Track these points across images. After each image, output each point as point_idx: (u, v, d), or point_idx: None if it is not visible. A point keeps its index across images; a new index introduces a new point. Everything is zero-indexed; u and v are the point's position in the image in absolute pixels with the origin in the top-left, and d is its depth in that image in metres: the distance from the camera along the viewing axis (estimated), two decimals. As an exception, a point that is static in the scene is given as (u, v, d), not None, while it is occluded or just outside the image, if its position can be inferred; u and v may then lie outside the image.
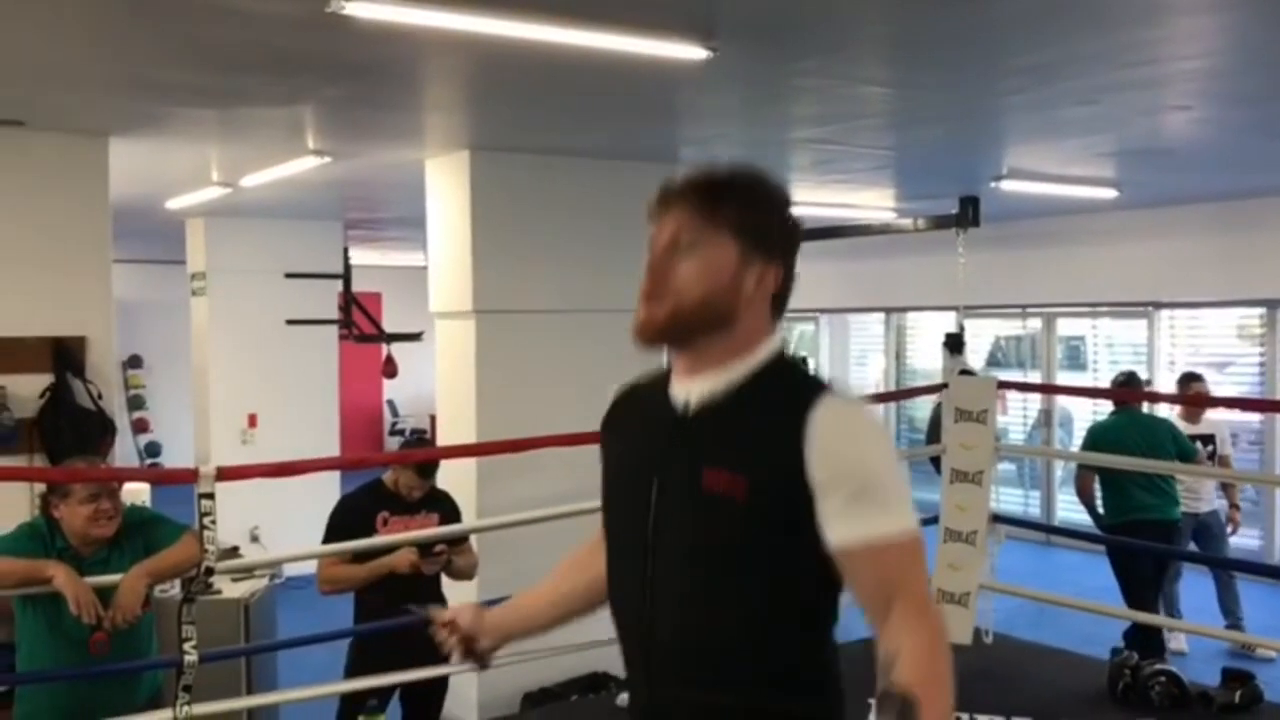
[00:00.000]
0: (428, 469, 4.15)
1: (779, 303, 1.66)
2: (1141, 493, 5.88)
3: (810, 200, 7.86)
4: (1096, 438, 6.08)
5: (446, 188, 5.88)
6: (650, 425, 1.69)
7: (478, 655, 1.90)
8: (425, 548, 3.97)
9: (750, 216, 1.61)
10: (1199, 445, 6.37)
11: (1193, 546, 6.61)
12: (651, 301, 1.61)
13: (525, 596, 1.99)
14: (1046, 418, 10.23)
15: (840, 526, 1.52)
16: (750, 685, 1.59)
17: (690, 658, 1.62)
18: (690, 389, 1.63)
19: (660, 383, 1.70)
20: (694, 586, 1.61)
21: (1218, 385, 8.93)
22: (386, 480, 4.17)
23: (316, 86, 4.36)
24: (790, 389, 1.59)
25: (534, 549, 4.87)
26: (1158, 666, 3.87)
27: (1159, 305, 9.23)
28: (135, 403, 14.23)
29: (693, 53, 3.62)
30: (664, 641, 1.64)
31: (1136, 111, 4.95)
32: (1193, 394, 6.58)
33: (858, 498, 1.51)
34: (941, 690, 1.46)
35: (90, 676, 3.27)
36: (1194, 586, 6.82)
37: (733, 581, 1.58)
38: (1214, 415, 6.66)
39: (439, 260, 5.98)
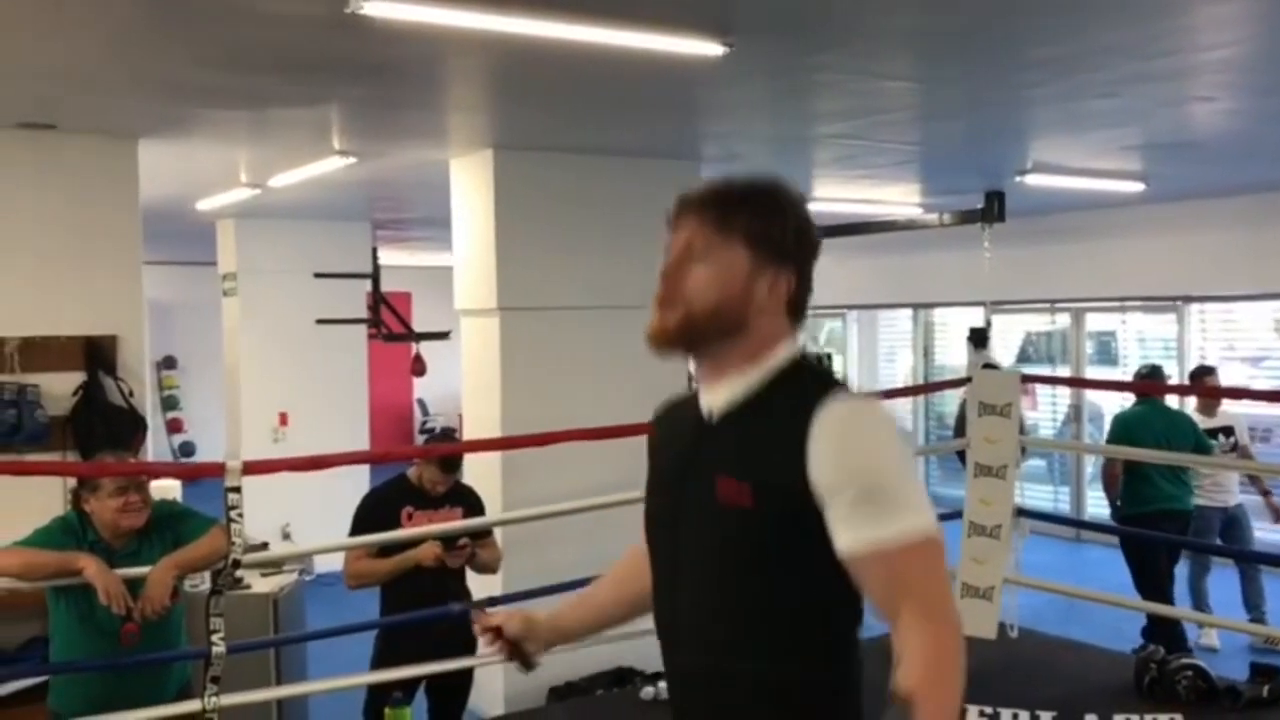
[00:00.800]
0: (451, 464, 4.18)
1: (796, 308, 1.67)
2: (1165, 483, 5.93)
3: (835, 196, 7.84)
4: (1121, 426, 6.14)
5: (471, 186, 5.92)
6: (682, 435, 1.72)
7: (525, 658, 1.93)
8: (449, 542, 4.01)
9: (762, 225, 1.63)
10: (1220, 437, 6.35)
11: (1220, 541, 6.56)
12: (664, 308, 1.64)
13: (570, 604, 2.04)
14: (1076, 413, 10.15)
15: (847, 532, 1.50)
16: (761, 704, 1.58)
17: (701, 676, 1.64)
18: (714, 398, 1.66)
19: (694, 395, 1.73)
20: (709, 598, 1.63)
21: (1252, 379, 8.84)
22: (411, 475, 4.20)
23: (340, 87, 4.41)
24: (800, 392, 1.57)
25: (558, 542, 4.96)
26: (1184, 660, 3.83)
27: (1189, 299, 9.13)
28: (169, 403, 14.42)
29: (709, 49, 3.64)
30: (683, 657, 1.67)
31: (1161, 103, 4.90)
32: (1211, 386, 6.54)
33: (863, 500, 1.49)
34: (941, 694, 1.45)
35: (121, 667, 3.33)
36: (1220, 581, 6.76)
37: (744, 591, 1.59)
38: (1232, 407, 6.61)
39: (464, 258, 6.03)
